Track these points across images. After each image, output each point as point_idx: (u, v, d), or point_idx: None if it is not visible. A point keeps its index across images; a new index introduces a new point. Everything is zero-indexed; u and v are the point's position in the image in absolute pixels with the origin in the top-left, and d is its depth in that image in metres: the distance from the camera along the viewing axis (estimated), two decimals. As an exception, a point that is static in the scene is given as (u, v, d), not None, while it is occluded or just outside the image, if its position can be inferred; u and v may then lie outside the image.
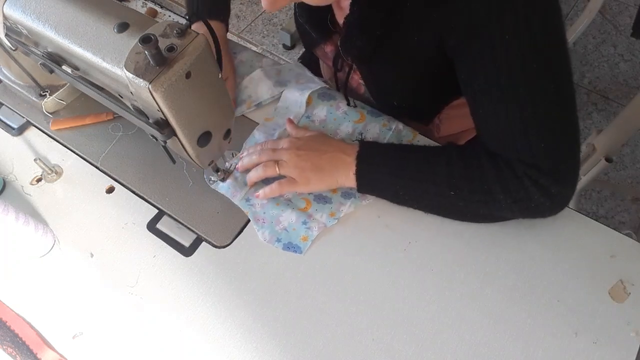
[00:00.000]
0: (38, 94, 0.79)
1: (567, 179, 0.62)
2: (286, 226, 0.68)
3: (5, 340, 0.61)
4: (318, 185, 0.69)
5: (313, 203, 0.70)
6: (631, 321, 0.60)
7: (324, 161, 0.68)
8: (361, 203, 0.70)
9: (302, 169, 0.68)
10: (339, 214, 0.69)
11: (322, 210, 0.69)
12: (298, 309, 0.63)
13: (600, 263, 0.65)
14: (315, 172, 0.68)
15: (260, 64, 0.86)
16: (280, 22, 2.11)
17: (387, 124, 0.76)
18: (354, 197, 0.70)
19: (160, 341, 0.62)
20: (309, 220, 0.68)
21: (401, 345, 0.60)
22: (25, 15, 0.54)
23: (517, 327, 0.61)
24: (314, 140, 0.71)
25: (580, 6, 2.02)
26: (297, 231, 0.68)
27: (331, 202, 0.70)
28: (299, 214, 0.69)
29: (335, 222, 0.68)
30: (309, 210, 0.69)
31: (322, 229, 0.68)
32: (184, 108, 0.50)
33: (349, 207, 0.69)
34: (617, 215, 1.59)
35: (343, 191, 0.70)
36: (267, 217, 0.69)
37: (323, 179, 0.69)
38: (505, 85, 0.58)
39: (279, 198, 0.70)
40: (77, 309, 0.64)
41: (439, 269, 0.65)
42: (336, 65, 0.80)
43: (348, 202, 0.70)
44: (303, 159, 0.68)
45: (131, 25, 0.50)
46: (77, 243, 0.69)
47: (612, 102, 1.84)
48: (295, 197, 0.71)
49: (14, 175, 0.76)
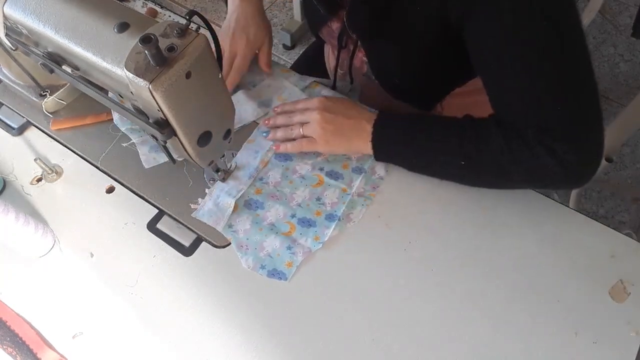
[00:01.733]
0: (38, 94, 0.79)
1: (587, 146, 0.60)
2: (270, 252, 0.66)
3: (5, 340, 0.61)
4: (336, 148, 0.72)
5: (297, 227, 0.68)
6: (631, 321, 0.60)
7: (346, 126, 0.70)
8: (346, 226, 0.68)
9: (324, 129, 0.71)
10: (324, 238, 0.67)
11: (307, 234, 0.68)
12: (298, 308, 0.63)
13: (600, 263, 0.65)
14: (336, 136, 0.71)
15: None
16: (281, 22, 2.11)
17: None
18: (338, 219, 0.68)
19: (160, 341, 0.62)
20: (294, 245, 0.67)
21: (401, 345, 0.60)
22: (26, 15, 0.54)
23: (517, 327, 0.61)
24: (343, 103, 0.73)
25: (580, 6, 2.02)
26: (281, 257, 0.66)
27: (315, 226, 0.68)
28: (283, 238, 0.67)
29: (320, 246, 0.67)
30: (293, 234, 0.68)
31: (308, 254, 0.66)
32: (184, 108, 0.50)
33: (334, 230, 0.68)
34: (617, 215, 1.58)
35: (327, 214, 0.69)
36: (250, 243, 0.67)
37: (342, 144, 0.71)
38: (514, 48, 0.57)
39: (262, 223, 0.69)
40: (77, 309, 0.64)
41: (439, 269, 0.65)
42: (340, 42, 0.80)
43: (332, 224, 0.68)
44: (328, 121, 0.71)
45: (131, 25, 0.50)
46: (77, 243, 0.69)
47: (612, 102, 1.84)
48: (279, 221, 0.69)
49: (14, 175, 0.76)
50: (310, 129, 0.72)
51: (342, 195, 0.71)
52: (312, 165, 0.74)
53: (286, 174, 0.73)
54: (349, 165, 0.73)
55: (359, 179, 0.72)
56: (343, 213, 0.69)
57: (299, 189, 0.72)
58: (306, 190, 0.71)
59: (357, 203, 0.70)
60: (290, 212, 0.69)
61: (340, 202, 0.70)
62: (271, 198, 0.71)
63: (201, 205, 0.71)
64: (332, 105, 0.72)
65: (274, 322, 0.62)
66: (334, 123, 0.71)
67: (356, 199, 0.70)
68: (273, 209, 0.70)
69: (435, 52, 0.71)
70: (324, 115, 0.71)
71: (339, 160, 0.74)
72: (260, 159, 0.74)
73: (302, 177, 0.73)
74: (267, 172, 0.74)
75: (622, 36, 2.00)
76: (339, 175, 0.72)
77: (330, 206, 0.70)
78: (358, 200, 0.70)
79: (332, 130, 0.71)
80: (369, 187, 0.71)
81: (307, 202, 0.70)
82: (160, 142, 0.56)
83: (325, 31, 0.85)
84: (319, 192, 0.71)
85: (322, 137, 0.71)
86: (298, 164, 0.74)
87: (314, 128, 0.71)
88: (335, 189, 0.71)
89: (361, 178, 0.72)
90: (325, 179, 0.72)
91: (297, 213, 0.69)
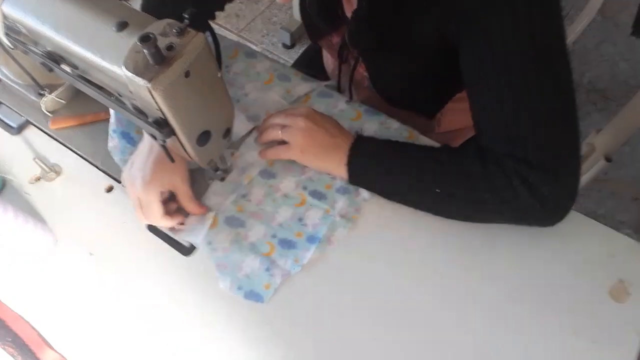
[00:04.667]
0: (37, 92, 0.79)
1: (563, 181, 0.60)
2: (248, 273, 0.65)
3: (6, 340, 0.61)
4: (309, 160, 0.71)
5: (277, 247, 0.67)
6: (631, 321, 0.60)
7: (325, 142, 0.69)
8: (326, 249, 0.66)
9: (303, 138, 0.69)
10: (303, 260, 0.65)
11: (286, 256, 0.66)
12: (297, 308, 0.63)
13: (600, 263, 0.65)
14: (313, 147, 0.69)
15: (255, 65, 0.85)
16: (280, 21, 2.10)
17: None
18: (319, 241, 0.67)
19: (160, 341, 0.62)
20: (272, 267, 0.65)
21: (401, 345, 0.60)
22: (25, 14, 0.54)
23: (517, 327, 0.61)
24: (328, 120, 0.72)
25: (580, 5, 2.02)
26: (259, 278, 0.65)
27: (296, 247, 0.67)
28: (262, 259, 0.66)
29: (299, 269, 0.65)
30: (273, 255, 0.66)
31: (286, 277, 0.65)
32: (183, 107, 0.50)
33: (314, 252, 0.66)
34: (617, 215, 1.58)
35: (308, 235, 0.67)
36: (229, 262, 0.66)
37: (317, 157, 0.70)
38: (501, 73, 0.57)
39: (243, 242, 0.67)
40: (77, 309, 0.64)
41: (439, 269, 0.65)
42: (341, 56, 0.80)
43: (313, 247, 0.66)
44: (309, 132, 0.69)
45: (130, 24, 0.50)
46: (76, 242, 0.69)
47: (611, 102, 1.84)
48: (260, 241, 0.67)
49: (13, 175, 0.76)
50: (289, 134, 0.70)
51: (325, 216, 0.69)
52: (295, 184, 0.72)
53: (269, 191, 0.72)
54: (332, 185, 0.71)
55: (342, 200, 0.70)
56: (324, 235, 0.67)
57: (281, 207, 0.70)
58: (289, 209, 0.70)
59: (339, 225, 0.68)
60: (271, 232, 0.68)
61: (322, 224, 0.68)
62: (253, 216, 0.69)
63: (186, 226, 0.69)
64: (319, 118, 0.71)
65: (275, 321, 0.62)
66: (314, 135, 0.69)
67: (338, 221, 0.68)
68: (254, 228, 0.68)
69: (436, 65, 0.71)
70: (307, 124, 0.69)
71: (323, 180, 0.72)
72: (245, 174, 0.73)
73: (285, 195, 0.71)
74: (251, 188, 0.72)
75: (622, 35, 1.99)
76: (322, 195, 0.71)
77: (312, 227, 0.68)
78: (340, 222, 0.68)
79: (311, 143, 0.69)
80: (352, 209, 0.69)
81: (288, 223, 0.69)
82: (159, 141, 0.56)
83: (325, 43, 0.85)
84: (301, 212, 0.69)
85: (298, 144, 0.69)
86: (282, 181, 0.72)
87: (293, 134, 0.70)
88: (318, 209, 0.69)
89: (345, 199, 0.70)
90: (308, 198, 0.70)
91: (278, 233, 0.68)
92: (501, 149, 0.61)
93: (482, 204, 0.63)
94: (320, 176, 0.72)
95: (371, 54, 0.73)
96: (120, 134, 0.75)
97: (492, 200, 0.62)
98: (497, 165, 0.61)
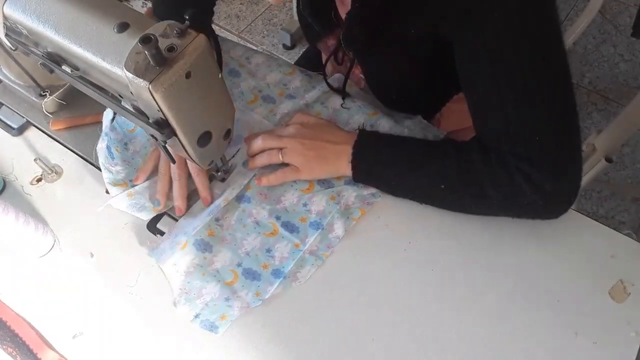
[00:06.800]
0: (38, 94, 0.79)
1: (564, 176, 0.60)
2: (207, 301, 0.63)
3: (5, 340, 0.61)
4: (320, 174, 0.70)
5: (241, 277, 0.64)
6: (631, 321, 0.60)
7: (327, 151, 0.69)
8: (291, 285, 0.64)
9: (305, 157, 0.69)
10: (265, 295, 0.63)
11: (249, 287, 0.64)
12: (297, 308, 0.63)
13: (600, 263, 0.65)
14: (318, 161, 0.69)
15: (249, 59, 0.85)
16: (280, 22, 2.11)
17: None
18: (283, 277, 0.64)
19: (160, 341, 0.62)
20: (232, 298, 0.63)
21: (401, 345, 0.60)
22: (25, 15, 0.54)
23: (517, 327, 0.61)
24: (321, 129, 0.71)
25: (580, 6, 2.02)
26: (217, 308, 0.62)
27: (259, 280, 0.64)
28: (223, 288, 0.64)
29: (259, 302, 0.63)
30: (235, 285, 0.64)
31: (245, 310, 0.62)
32: (184, 108, 0.50)
33: (277, 287, 0.64)
34: (617, 215, 1.58)
35: (274, 269, 0.65)
36: (190, 287, 0.64)
37: (326, 168, 0.70)
38: (498, 71, 0.57)
39: (207, 268, 0.65)
40: (77, 309, 0.64)
41: (439, 269, 0.65)
42: (337, 58, 0.80)
43: (277, 282, 0.64)
44: (307, 147, 0.69)
45: (131, 25, 0.50)
46: (77, 243, 0.69)
47: (612, 102, 1.84)
48: (225, 268, 0.65)
49: (14, 175, 0.76)
50: (290, 157, 0.69)
51: (294, 251, 0.66)
52: (269, 212, 0.69)
53: (241, 216, 0.69)
54: (307, 219, 0.68)
55: (314, 235, 0.67)
56: (290, 271, 0.65)
57: (250, 235, 0.67)
58: (258, 238, 0.67)
59: (307, 262, 0.65)
60: (237, 260, 0.66)
61: (290, 258, 0.65)
62: (221, 242, 0.67)
63: (158, 243, 0.67)
64: (310, 131, 0.70)
65: (274, 321, 0.62)
66: (313, 148, 0.68)
67: (307, 257, 0.66)
68: (220, 254, 0.66)
69: (432, 66, 0.71)
70: (303, 143, 0.69)
71: (298, 212, 0.69)
72: (223, 197, 0.70)
73: (257, 223, 0.68)
74: (225, 212, 0.69)
75: (622, 36, 1.99)
76: (294, 228, 0.68)
77: (279, 261, 0.65)
78: (309, 259, 0.65)
79: (313, 155, 0.68)
80: (324, 245, 0.67)
81: (256, 252, 0.66)
82: (160, 142, 0.56)
83: (322, 46, 0.85)
84: (270, 242, 0.67)
85: (304, 164, 0.69)
86: (255, 207, 0.70)
87: (294, 156, 0.69)
88: (288, 242, 0.67)
89: (317, 235, 0.67)
90: (280, 229, 0.68)
91: (243, 262, 0.66)
92: (502, 146, 0.62)
93: (486, 199, 0.63)
94: (296, 207, 0.70)
95: (366, 55, 0.73)
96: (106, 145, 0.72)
97: (496, 196, 0.62)
98: (500, 162, 0.61)
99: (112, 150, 0.73)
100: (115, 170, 0.72)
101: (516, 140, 0.60)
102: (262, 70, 0.84)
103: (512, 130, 0.60)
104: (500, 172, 0.61)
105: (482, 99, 0.62)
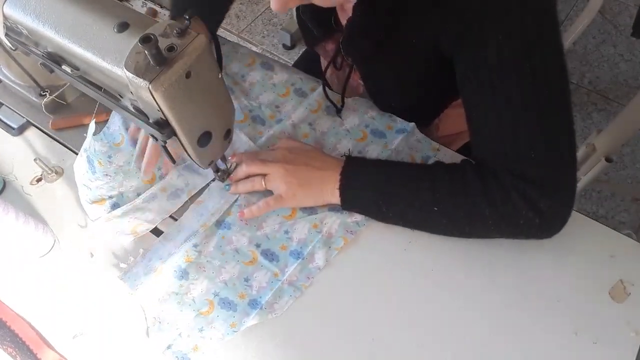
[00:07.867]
0: (38, 93, 0.79)
1: (559, 194, 0.60)
2: (181, 332, 0.61)
3: (5, 340, 0.61)
4: (305, 201, 0.69)
5: (216, 307, 0.63)
6: (631, 321, 0.60)
7: (312, 177, 0.67)
8: (267, 317, 0.62)
9: (289, 184, 0.67)
10: (240, 326, 0.61)
11: (225, 318, 0.62)
12: (297, 308, 0.63)
13: (600, 263, 0.65)
14: (302, 188, 0.67)
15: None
16: (280, 22, 2.11)
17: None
18: (260, 307, 0.62)
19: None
20: (207, 328, 0.61)
21: (401, 345, 0.60)
22: (25, 15, 0.54)
23: (517, 327, 0.61)
24: (306, 154, 0.70)
25: (580, 6, 2.02)
26: (191, 339, 0.61)
27: (236, 310, 0.62)
28: (198, 317, 0.62)
29: (234, 334, 0.61)
30: (210, 315, 0.62)
31: (219, 341, 0.61)
32: (184, 108, 0.50)
33: (253, 318, 0.62)
34: (617, 215, 1.58)
35: (251, 298, 0.63)
36: (163, 316, 0.62)
37: (310, 195, 0.68)
38: (496, 87, 0.57)
39: (182, 297, 0.63)
40: (77, 309, 0.64)
41: (439, 269, 0.65)
42: (336, 63, 0.80)
43: (253, 313, 0.62)
44: (291, 173, 0.67)
45: (131, 25, 0.50)
46: (77, 243, 0.69)
47: (612, 102, 1.84)
48: (201, 297, 0.63)
49: (14, 175, 0.76)
50: (273, 184, 0.68)
51: (272, 280, 0.64)
52: (249, 239, 0.67)
53: (220, 243, 0.67)
54: (287, 247, 0.67)
55: (294, 265, 0.65)
56: (267, 302, 0.63)
57: (229, 263, 0.66)
58: (237, 266, 0.66)
59: (286, 293, 0.63)
60: (214, 289, 0.64)
61: (268, 288, 0.64)
62: (199, 269, 0.65)
63: (130, 266, 0.66)
64: (295, 157, 0.69)
65: (274, 321, 0.62)
66: (298, 176, 0.67)
67: (286, 288, 0.64)
68: (197, 282, 0.64)
69: (431, 74, 0.71)
70: (287, 168, 0.67)
71: (279, 239, 0.67)
72: (202, 222, 0.69)
73: (236, 250, 0.67)
74: (203, 238, 0.68)
75: (622, 36, 2.00)
76: (274, 256, 0.66)
77: (257, 291, 0.64)
78: (287, 290, 0.64)
79: (297, 183, 0.67)
80: (303, 276, 0.65)
81: (233, 281, 0.64)
82: (160, 142, 0.56)
83: (320, 50, 0.85)
84: (249, 271, 0.65)
85: (287, 192, 0.67)
86: (235, 234, 0.68)
87: (277, 184, 0.67)
88: (267, 271, 0.65)
89: (297, 264, 0.65)
90: (260, 258, 0.66)
91: (220, 292, 0.64)
92: (498, 164, 0.61)
93: (481, 220, 0.62)
94: (277, 234, 0.68)
95: (365, 62, 0.73)
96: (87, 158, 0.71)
97: (492, 215, 0.61)
98: (495, 180, 0.61)
99: (95, 164, 0.72)
100: (95, 186, 0.71)
101: (513, 157, 0.60)
102: (256, 90, 0.83)
103: (509, 147, 0.60)
104: (496, 190, 0.60)
105: (480, 117, 0.62)
